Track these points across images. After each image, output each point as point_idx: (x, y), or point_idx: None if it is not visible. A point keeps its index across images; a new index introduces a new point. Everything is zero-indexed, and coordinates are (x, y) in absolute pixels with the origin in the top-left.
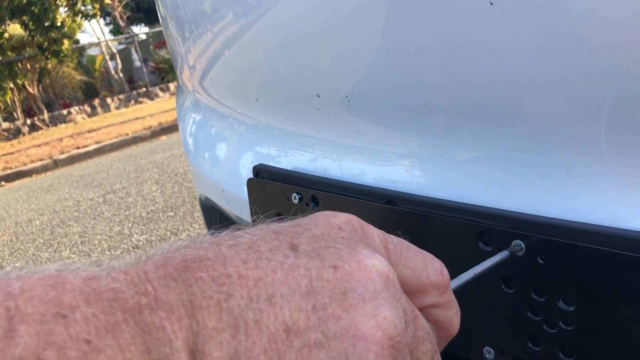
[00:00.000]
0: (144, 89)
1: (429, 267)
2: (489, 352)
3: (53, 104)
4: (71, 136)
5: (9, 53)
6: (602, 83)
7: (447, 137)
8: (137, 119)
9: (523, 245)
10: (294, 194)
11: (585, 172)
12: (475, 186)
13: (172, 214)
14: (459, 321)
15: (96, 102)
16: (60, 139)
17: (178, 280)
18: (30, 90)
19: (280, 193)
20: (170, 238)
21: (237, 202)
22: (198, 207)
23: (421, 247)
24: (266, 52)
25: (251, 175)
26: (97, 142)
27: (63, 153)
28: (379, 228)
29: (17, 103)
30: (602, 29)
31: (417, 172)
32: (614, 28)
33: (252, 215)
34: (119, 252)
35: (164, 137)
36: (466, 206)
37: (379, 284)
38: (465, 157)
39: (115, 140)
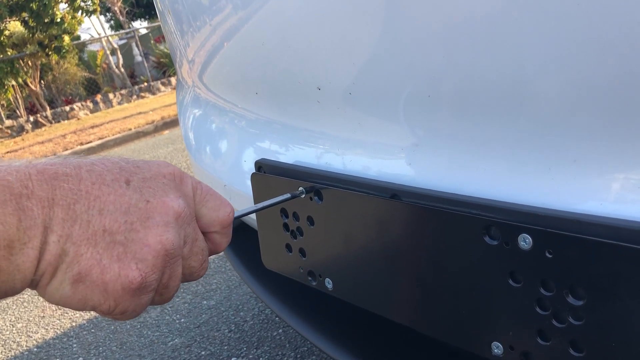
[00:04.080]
0: (145, 84)
1: (221, 209)
2: (497, 347)
3: (55, 101)
4: (74, 132)
5: (10, 50)
6: (610, 72)
7: (452, 129)
8: (140, 113)
9: (530, 239)
10: (300, 188)
11: (593, 163)
12: (481, 179)
13: None
14: (227, 243)
15: (98, 97)
16: (64, 136)
17: (48, 184)
18: (33, 87)
19: (285, 187)
20: None
21: (239, 197)
22: None
23: (426, 242)
24: (265, 45)
25: (253, 170)
26: (100, 138)
27: (67, 149)
28: (383, 223)
29: (19, 100)
30: (609, 16)
31: (421, 165)
32: (620, 16)
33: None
34: None
35: (166, 132)
36: (471, 199)
37: (171, 218)
38: (470, 149)
39: (118, 135)
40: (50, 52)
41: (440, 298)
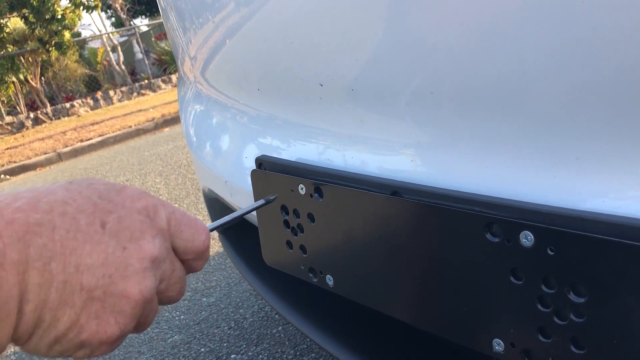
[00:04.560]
0: (146, 81)
1: (196, 239)
2: (498, 345)
3: (56, 97)
4: (74, 129)
5: (10, 47)
6: (613, 68)
7: (454, 126)
8: (140, 111)
9: (532, 236)
10: (300, 185)
11: (595, 160)
12: (483, 176)
13: (176, 205)
14: (204, 263)
15: (99, 94)
16: (64, 132)
17: (21, 241)
18: (33, 83)
19: (285, 184)
20: None
21: (240, 194)
22: (202, 199)
23: (427, 239)
24: (268, 41)
25: (254, 166)
26: (100, 135)
27: (67, 146)
28: (384, 220)
29: (19, 97)
30: (611, 13)
31: (423, 162)
32: (623, 13)
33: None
34: None
35: (166, 129)
36: (473, 196)
37: (148, 263)
38: (472, 146)
39: (118, 132)
40: (50, 49)
41: (442, 295)
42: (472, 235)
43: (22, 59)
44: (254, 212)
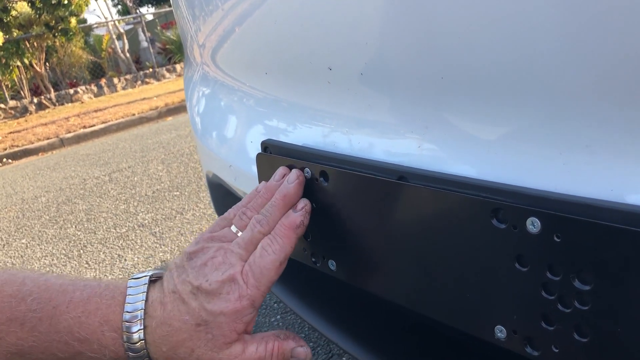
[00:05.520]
0: (150, 70)
1: None
2: (500, 331)
3: (60, 83)
4: (78, 115)
5: (16, 31)
6: (625, 53)
7: (463, 112)
8: (144, 99)
9: (538, 223)
10: (306, 169)
11: (606, 148)
12: (491, 163)
13: (177, 193)
14: None
15: (103, 82)
16: (67, 118)
17: None
18: (38, 69)
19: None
20: (175, 217)
21: (245, 178)
22: (204, 187)
23: (432, 225)
24: (277, 23)
25: (259, 150)
26: (103, 122)
27: (70, 132)
28: (390, 205)
29: (24, 81)
30: None
31: (430, 147)
32: None
33: None
34: (124, 230)
35: (170, 118)
36: (480, 182)
37: None
38: (481, 132)
39: (121, 120)
40: (56, 34)
41: (445, 281)
42: (479, 221)
43: (27, 43)
44: None
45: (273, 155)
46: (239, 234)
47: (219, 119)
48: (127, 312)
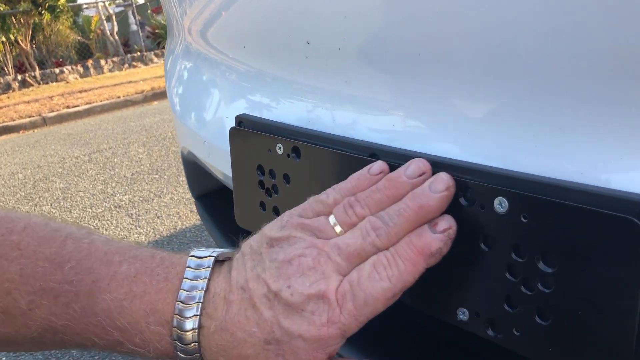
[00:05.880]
0: (138, 54)
1: None
2: (463, 314)
3: (45, 62)
4: (62, 95)
5: (2, 6)
6: (600, 36)
7: (438, 90)
8: (130, 82)
9: (506, 203)
10: (278, 145)
11: (579, 131)
12: (463, 143)
13: (157, 176)
14: None
15: (89, 63)
16: (51, 97)
17: None
18: (23, 46)
19: (263, 144)
20: (153, 200)
21: (218, 154)
22: (183, 172)
23: None
24: None
25: (234, 126)
26: (87, 103)
27: (52, 111)
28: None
29: (8, 58)
30: None
31: (404, 125)
32: None
33: (232, 167)
34: (100, 210)
35: (155, 103)
36: (450, 161)
37: None
38: (454, 111)
39: (106, 102)
40: (43, 11)
41: None
42: None
43: (13, 19)
44: (229, 171)
45: (247, 130)
46: (337, 229)
47: (196, 93)
48: (181, 302)
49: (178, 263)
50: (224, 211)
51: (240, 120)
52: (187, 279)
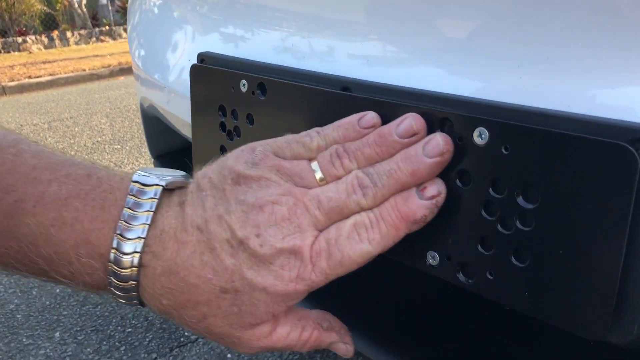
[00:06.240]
0: (107, 28)
1: None
2: (432, 258)
3: (8, 31)
4: (24, 65)
5: None
6: None
7: (414, 20)
8: (97, 56)
9: (487, 133)
10: (243, 81)
11: (567, 61)
12: (441, 76)
13: (118, 146)
14: None
15: (55, 34)
16: (12, 66)
17: None
18: None
19: (226, 81)
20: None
21: (178, 100)
22: (145, 143)
23: None
24: None
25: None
26: (51, 74)
27: (13, 80)
28: (331, 119)
29: None
30: None
31: (380, 55)
32: None
33: (192, 109)
34: None
35: (122, 77)
36: (428, 92)
37: None
38: (432, 42)
39: (70, 74)
40: None
41: None
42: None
43: None
44: (188, 117)
45: (209, 66)
46: (318, 175)
47: (156, 38)
48: (120, 235)
49: (118, 188)
50: (184, 170)
51: (203, 58)
52: (128, 208)
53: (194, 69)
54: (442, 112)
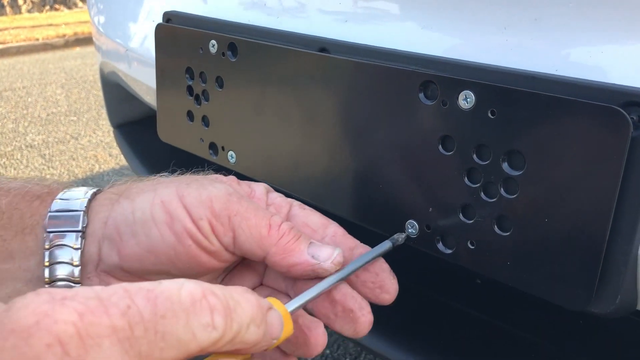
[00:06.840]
0: None
1: None
2: (412, 227)
3: None
4: None
5: None
6: None
7: None
8: (51, 25)
9: (473, 97)
10: (212, 42)
11: (556, 22)
12: (428, 38)
13: (75, 118)
14: None
15: (5, 1)
16: None
17: None
18: None
19: (194, 42)
20: (69, 142)
21: (142, 63)
22: (104, 115)
23: (353, 103)
24: None
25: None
26: (1, 43)
27: None
28: (306, 82)
29: None
30: None
31: (360, 17)
32: None
33: (157, 72)
34: (9, 149)
35: (77, 48)
36: (410, 53)
37: None
38: (416, 3)
39: (22, 43)
40: None
41: (355, 170)
42: (404, 97)
43: None
44: (152, 82)
45: (176, 26)
46: None
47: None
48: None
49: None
50: (147, 140)
51: (169, 17)
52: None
53: (159, 29)
54: (426, 74)
